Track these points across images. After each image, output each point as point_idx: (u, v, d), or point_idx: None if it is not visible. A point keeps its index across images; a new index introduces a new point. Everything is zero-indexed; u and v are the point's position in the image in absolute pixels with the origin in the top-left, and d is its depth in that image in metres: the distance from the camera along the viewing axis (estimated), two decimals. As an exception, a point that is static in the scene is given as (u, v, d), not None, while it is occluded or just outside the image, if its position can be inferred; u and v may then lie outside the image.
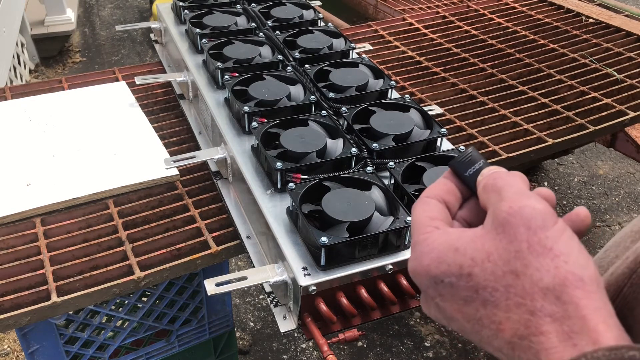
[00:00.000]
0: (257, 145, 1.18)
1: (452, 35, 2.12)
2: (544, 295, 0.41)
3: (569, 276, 0.41)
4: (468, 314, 0.45)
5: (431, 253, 0.46)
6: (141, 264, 1.18)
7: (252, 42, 1.50)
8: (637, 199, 3.19)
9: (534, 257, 0.42)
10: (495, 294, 0.43)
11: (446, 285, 0.46)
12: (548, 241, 0.42)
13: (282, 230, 1.02)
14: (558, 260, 0.42)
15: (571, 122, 1.63)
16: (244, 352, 2.34)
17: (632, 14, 2.31)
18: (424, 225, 0.49)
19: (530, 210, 0.43)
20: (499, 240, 0.44)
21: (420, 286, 0.49)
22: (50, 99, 1.67)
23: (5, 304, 1.10)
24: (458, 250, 0.45)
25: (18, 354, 2.29)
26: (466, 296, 0.45)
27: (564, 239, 0.43)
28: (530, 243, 0.42)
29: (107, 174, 1.38)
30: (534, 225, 0.43)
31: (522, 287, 0.42)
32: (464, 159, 0.52)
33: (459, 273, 0.45)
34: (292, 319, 0.99)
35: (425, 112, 1.24)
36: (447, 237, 0.47)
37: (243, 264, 2.67)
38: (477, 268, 0.44)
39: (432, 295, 0.47)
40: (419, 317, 2.52)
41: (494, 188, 0.47)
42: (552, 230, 0.43)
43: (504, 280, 0.43)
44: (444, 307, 0.47)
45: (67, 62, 4.28)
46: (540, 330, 0.41)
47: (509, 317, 0.42)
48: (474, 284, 0.44)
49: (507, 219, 0.44)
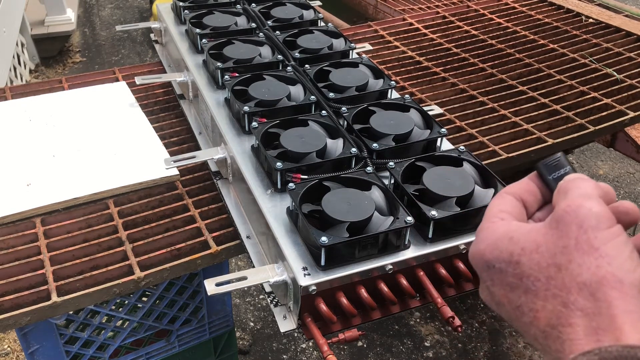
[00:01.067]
0: (257, 145, 1.18)
1: (452, 35, 2.12)
2: (580, 290, 0.43)
3: (608, 276, 0.42)
4: (512, 300, 0.48)
5: (488, 239, 0.50)
6: (141, 264, 1.18)
7: (252, 42, 1.50)
8: (637, 199, 3.19)
9: (579, 254, 0.44)
10: (537, 283, 0.46)
11: (496, 271, 0.49)
12: (596, 241, 0.44)
13: (282, 230, 1.02)
14: (601, 261, 0.43)
15: (571, 122, 1.63)
16: (244, 352, 2.34)
17: (632, 14, 2.31)
18: (492, 216, 0.52)
19: (587, 210, 0.45)
20: (551, 234, 0.46)
21: (476, 269, 0.52)
22: (51, 99, 1.67)
23: (5, 304, 1.10)
24: (512, 239, 0.48)
25: (18, 354, 2.29)
26: (512, 282, 0.47)
27: (615, 243, 0.44)
28: (579, 241, 0.44)
29: (107, 174, 1.38)
30: (586, 225, 0.44)
31: (561, 280, 0.44)
32: (550, 162, 0.53)
33: (508, 260, 0.48)
34: (292, 319, 0.99)
35: (425, 112, 1.24)
36: (507, 228, 0.49)
37: (243, 264, 2.67)
38: (525, 257, 0.47)
39: (484, 279, 0.51)
40: (419, 317, 2.52)
41: (564, 190, 0.49)
42: (603, 232, 0.44)
43: (546, 271, 0.45)
44: (494, 292, 0.50)
45: (67, 62, 4.28)
46: (569, 322, 0.43)
47: (544, 306, 0.45)
48: (519, 272, 0.47)
49: (563, 216, 0.46)
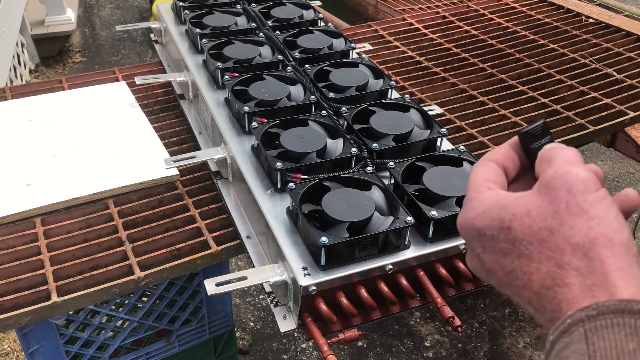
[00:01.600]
0: (257, 145, 1.18)
1: (452, 35, 2.12)
2: (573, 251, 0.45)
3: (600, 236, 0.44)
4: (504, 266, 0.49)
5: (478, 208, 0.51)
6: (141, 264, 1.18)
7: (252, 42, 1.50)
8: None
9: (570, 217, 0.45)
10: (529, 247, 0.47)
11: (488, 238, 0.50)
12: (585, 204, 0.46)
13: (282, 230, 1.02)
14: (592, 222, 0.45)
15: (571, 122, 1.63)
16: (244, 352, 2.34)
17: (632, 14, 2.31)
18: (479, 185, 0.53)
19: (574, 176, 0.47)
20: (541, 200, 0.47)
21: (465, 239, 0.53)
22: (51, 99, 1.67)
23: (5, 304, 1.10)
24: (503, 207, 0.49)
25: (18, 354, 2.29)
26: (504, 248, 0.49)
27: (603, 205, 0.46)
28: (569, 204, 0.46)
29: (107, 174, 1.38)
30: (574, 189, 0.46)
31: (554, 242, 0.46)
32: (532, 130, 0.54)
33: (500, 226, 0.49)
34: (292, 319, 0.99)
35: (425, 112, 1.24)
36: (496, 197, 0.51)
37: (243, 264, 2.67)
38: (517, 222, 0.48)
39: (474, 247, 0.52)
40: (419, 317, 2.52)
41: (547, 158, 0.50)
42: (591, 196, 0.46)
43: (539, 235, 0.46)
44: (484, 259, 0.51)
45: (67, 62, 4.28)
46: (564, 282, 0.44)
47: (539, 268, 0.46)
48: (512, 236, 0.48)
49: (551, 182, 0.47)
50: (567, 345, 0.42)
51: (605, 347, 0.40)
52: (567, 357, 0.42)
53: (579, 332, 0.41)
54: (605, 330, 0.40)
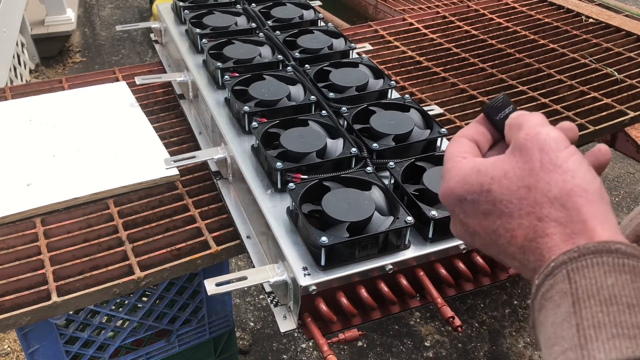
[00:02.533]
0: (257, 145, 1.18)
1: (452, 35, 2.12)
2: (551, 203, 0.47)
3: (575, 188, 0.47)
4: (487, 227, 0.51)
5: (457, 176, 0.53)
6: (141, 264, 1.18)
7: (252, 42, 1.50)
8: (637, 199, 3.19)
9: (545, 173, 0.48)
10: (509, 205, 0.49)
11: (469, 203, 0.52)
12: (558, 160, 0.48)
13: (282, 230, 1.02)
14: (566, 176, 0.48)
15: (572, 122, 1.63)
16: (244, 352, 2.34)
17: (632, 14, 2.31)
18: (454, 156, 0.55)
19: (545, 135, 0.49)
20: (516, 161, 0.50)
21: (448, 207, 0.55)
22: (51, 99, 1.67)
23: (5, 304, 1.10)
24: (480, 171, 0.52)
25: (18, 354, 2.29)
26: (485, 209, 0.51)
27: (574, 159, 0.48)
28: (543, 162, 0.48)
29: (107, 174, 1.38)
30: (546, 147, 0.49)
31: (533, 198, 0.48)
32: (495, 104, 0.57)
33: (479, 190, 0.51)
34: (292, 319, 0.99)
35: (425, 112, 1.24)
36: (473, 164, 0.53)
37: (243, 264, 2.67)
38: (495, 185, 0.50)
39: (457, 213, 0.54)
40: (419, 317, 2.52)
41: (516, 124, 0.53)
42: (563, 152, 0.49)
43: (517, 193, 0.49)
44: (468, 223, 0.53)
45: (67, 62, 4.28)
46: (545, 232, 0.47)
47: (520, 223, 0.49)
48: (492, 198, 0.50)
49: (524, 143, 0.50)
50: (552, 287, 0.45)
51: (586, 284, 0.43)
52: (551, 297, 0.44)
53: (562, 274, 0.44)
54: (586, 269, 0.43)
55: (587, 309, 0.42)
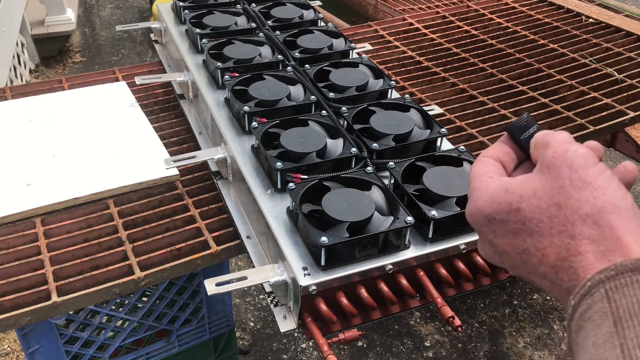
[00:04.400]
0: (257, 145, 1.18)
1: (452, 35, 2.12)
2: (583, 221, 0.46)
3: (606, 205, 0.46)
4: (517, 246, 0.50)
5: (484, 196, 0.53)
6: (141, 264, 1.18)
7: (252, 42, 1.50)
8: (637, 199, 3.19)
9: (575, 190, 0.47)
10: (540, 224, 0.48)
11: (498, 222, 0.51)
12: (588, 177, 0.48)
13: (282, 230, 1.02)
14: (597, 192, 0.47)
15: (571, 122, 1.63)
16: (244, 352, 2.35)
17: (632, 14, 2.31)
18: (480, 176, 0.55)
19: (573, 153, 0.49)
20: (545, 179, 0.49)
21: (475, 227, 0.54)
22: (51, 99, 1.67)
23: (5, 304, 1.10)
24: (508, 190, 0.51)
25: (18, 354, 2.29)
26: (515, 229, 0.50)
27: (604, 176, 0.48)
28: (572, 179, 0.48)
29: (107, 174, 1.38)
30: (575, 164, 0.48)
31: (564, 216, 0.47)
32: (519, 123, 0.57)
33: (508, 209, 0.50)
34: (292, 319, 0.99)
35: (425, 112, 1.24)
36: (500, 182, 0.53)
37: (243, 264, 2.67)
38: (525, 203, 0.49)
39: (485, 234, 0.53)
40: (419, 317, 2.52)
41: (543, 143, 0.52)
42: (592, 169, 0.48)
43: (548, 212, 0.48)
44: (497, 243, 0.52)
45: (67, 62, 4.28)
46: (579, 250, 0.46)
47: (552, 242, 0.48)
48: (521, 217, 0.50)
49: (552, 161, 0.49)
50: (590, 307, 0.43)
51: (627, 303, 0.41)
52: (590, 317, 0.43)
53: (600, 293, 0.43)
54: (626, 287, 0.42)
55: (631, 329, 0.40)
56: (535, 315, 2.54)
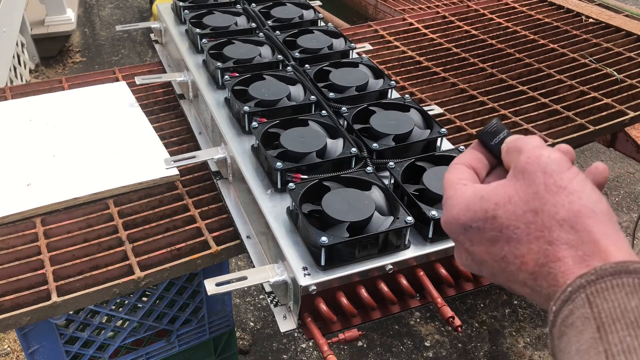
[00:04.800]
0: (257, 145, 1.18)
1: (452, 35, 2.12)
2: (560, 226, 0.46)
3: (582, 209, 0.46)
4: (494, 254, 0.50)
5: (460, 204, 0.52)
6: (141, 263, 1.18)
7: (252, 42, 1.50)
8: (637, 199, 3.19)
9: (551, 195, 0.47)
10: (517, 231, 0.48)
11: (474, 230, 0.51)
12: (563, 182, 0.47)
13: (282, 230, 1.02)
14: (572, 197, 0.47)
15: (571, 122, 1.63)
16: (244, 352, 2.35)
17: (632, 14, 2.31)
18: (454, 184, 0.55)
19: (546, 158, 0.49)
20: (519, 185, 0.49)
21: (451, 235, 0.54)
22: (51, 99, 1.67)
23: (5, 303, 1.10)
24: (483, 197, 0.51)
25: (18, 354, 2.29)
26: (492, 236, 0.50)
27: (578, 180, 0.48)
28: (547, 184, 0.48)
29: (107, 174, 1.38)
30: (549, 169, 0.48)
31: (541, 221, 0.47)
32: (489, 129, 0.57)
33: (484, 217, 0.50)
34: (292, 319, 0.99)
35: (425, 112, 1.24)
36: (473, 190, 0.52)
37: (243, 264, 2.67)
38: (500, 210, 0.49)
39: (462, 242, 0.53)
40: (419, 317, 2.52)
41: (514, 148, 0.52)
42: (566, 173, 0.48)
43: (524, 218, 0.48)
44: (474, 251, 0.52)
45: (67, 62, 4.28)
46: (557, 256, 0.46)
47: (530, 249, 0.47)
48: (498, 224, 0.49)
49: (525, 167, 0.49)
50: (571, 312, 0.43)
51: (609, 308, 0.41)
52: (572, 323, 0.43)
53: (581, 298, 0.43)
54: (607, 292, 0.42)
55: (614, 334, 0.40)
56: (535, 315, 2.54)
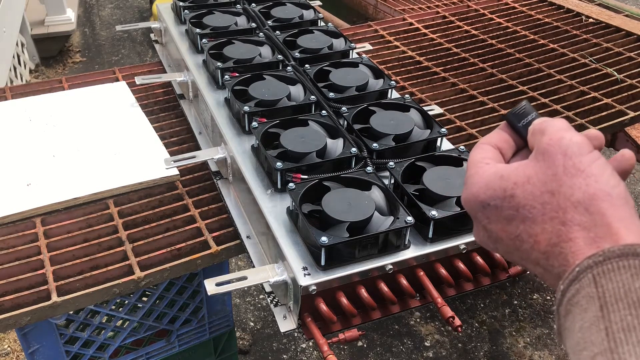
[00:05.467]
0: (257, 145, 1.18)
1: (452, 35, 2.12)
2: (575, 208, 0.47)
3: (598, 192, 0.47)
4: (510, 232, 0.51)
5: (480, 182, 0.53)
6: (141, 263, 1.18)
7: (252, 42, 1.50)
8: (637, 199, 3.19)
9: (568, 177, 0.48)
10: (533, 210, 0.49)
11: (492, 208, 0.52)
12: (582, 165, 0.48)
13: (282, 230, 1.02)
14: (589, 180, 0.47)
15: (571, 122, 1.63)
16: (244, 352, 2.35)
17: (632, 14, 2.31)
18: (477, 162, 0.55)
19: (568, 140, 0.49)
20: (539, 166, 0.50)
21: (470, 213, 0.55)
22: (51, 99, 1.67)
23: (5, 303, 1.10)
24: (503, 177, 0.52)
25: (18, 354, 2.29)
26: (508, 215, 0.51)
27: (597, 164, 0.48)
28: (566, 167, 0.48)
29: (107, 174, 1.38)
30: (569, 152, 0.48)
31: (556, 203, 0.48)
32: (518, 111, 0.57)
33: (502, 195, 0.51)
34: (292, 319, 0.99)
35: (425, 112, 1.24)
36: (495, 169, 0.53)
37: (243, 264, 2.67)
38: (519, 190, 0.50)
39: (480, 219, 0.54)
40: (419, 317, 2.52)
41: (540, 130, 0.52)
42: (586, 156, 0.48)
43: (540, 198, 0.49)
44: (491, 229, 0.53)
45: (67, 62, 4.28)
46: (569, 237, 0.47)
47: (544, 228, 0.48)
48: (515, 203, 0.50)
49: (547, 149, 0.50)
50: (578, 291, 0.44)
51: (613, 288, 0.42)
52: (578, 302, 0.44)
53: (587, 278, 0.44)
54: (612, 272, 0.43)
55: (616, 313, 0.41)
56: (535, 315, 2.54)
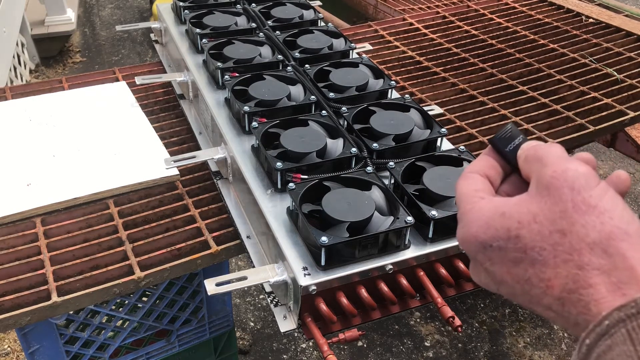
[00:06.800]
0: (257, 145, 1.18)
1: (452, 35, 2.12)
2: (591, 249, 0.43)
3: (615, 230, 0.43)
4: (517, 275, 0.46)
5: (479, 220, 0.48)
6: (141, 263, 1.18)
7: (252, 42, 1.50)
8: (637, 199, 3.19)
9: (580, 215, 0.44)
10: (543, 252, 0.45)
11: (495, 249, 0.47)
12: (592, 200, 0.44)
13: (282, 230, 1.02)
14: (603, 217, 0.43)
15: (571, 122, 1.63)
16: (244, 352, 2.35)
17: (632, 14, 2.31)
18: (470, 197, 0.51)
19: (573, 172, 0.45)
20: (544, 202, 0.45)
21: (469, 253, 0.50)
22: (51, 99, 1.67)
23: (5, 304, 1.10)
24: (504, 214, 0.47)
25: (18, 354, 2.29)
26: (515, 257, 0.46)
27: (608, 197, 0.44)
28: (575, 202, 0.44)
29: (107, 174, 1.38)
30: (577, 185, 0.44)
31: (569, 244, 0.43)
32: (503, 135, 0.53)
33: (507, 236, 0.46)
34: (292, 319, 0.99)
35: (425, 112, 1.24)
36: (493, 205, 0.48)
37: (243, 264, 2.67)
38: (524, 230, 0.45)
39: (481, 261, 0.49)
40: (419, 317, 2.52)
41: (535, 157, 0.48)
42: (595, 190, 0.44)
43: (550, 239, 0.44)
44: (494, 271, 0.48)
45: (68, 62, 4.28)
46: (588, 282, 0.42)
47: (557, 273, 0.44)
48: (522, 245, 0.46)
49: (551, 182, 0.45)
50: (610, 348, 0.40)
51: None
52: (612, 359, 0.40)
53: (621, 334, 0.39)
54: None
55: None
56: (536, 315, 2.54)
